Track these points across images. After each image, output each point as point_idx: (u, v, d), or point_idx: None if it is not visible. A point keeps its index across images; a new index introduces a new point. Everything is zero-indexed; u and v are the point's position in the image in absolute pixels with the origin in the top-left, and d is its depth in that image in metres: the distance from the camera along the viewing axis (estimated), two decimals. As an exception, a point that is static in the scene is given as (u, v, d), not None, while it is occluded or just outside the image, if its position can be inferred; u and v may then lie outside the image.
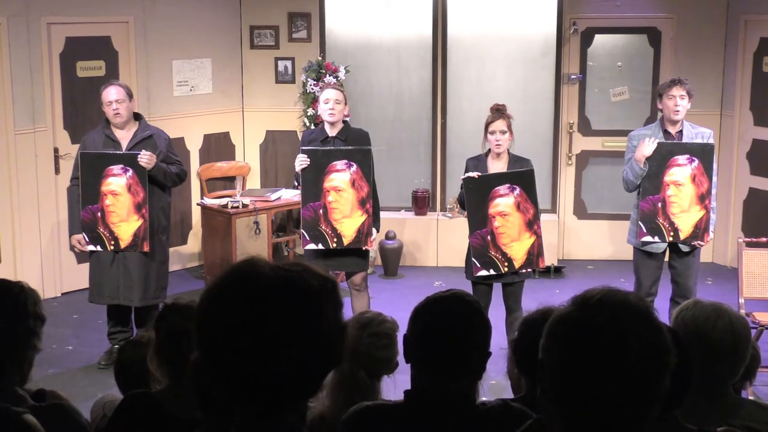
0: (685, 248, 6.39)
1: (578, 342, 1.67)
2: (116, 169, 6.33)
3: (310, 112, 8.84)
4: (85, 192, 6.38)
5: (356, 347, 3.10)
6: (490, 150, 6.23)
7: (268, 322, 1.62)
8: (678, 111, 6.31)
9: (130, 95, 6.48)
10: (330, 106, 6.33)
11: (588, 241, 9.32)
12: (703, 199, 6.27)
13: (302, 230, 6.37)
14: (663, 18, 8.98)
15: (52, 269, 8.14)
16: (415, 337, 2.64)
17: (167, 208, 6.67)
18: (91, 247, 6.46)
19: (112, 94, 6.40)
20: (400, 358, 3.36)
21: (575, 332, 1.68)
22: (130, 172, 6.32)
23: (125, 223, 6.38)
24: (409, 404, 2.58)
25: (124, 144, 6.45)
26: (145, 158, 6.29)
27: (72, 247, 6.77)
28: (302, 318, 1.64)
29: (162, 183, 6.49)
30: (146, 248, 6.41)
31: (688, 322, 2.83)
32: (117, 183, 6.35)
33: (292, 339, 1.63)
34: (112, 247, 6.42)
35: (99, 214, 6.38)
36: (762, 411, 2.90)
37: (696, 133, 6.42)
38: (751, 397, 5.17)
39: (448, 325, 2.62)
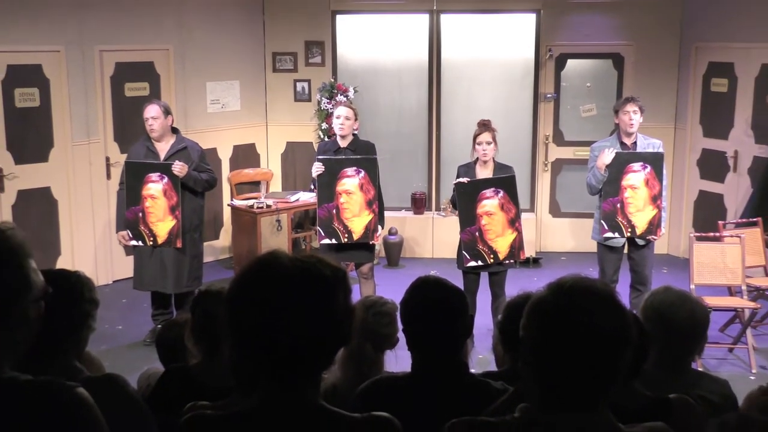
0: (641, 242, 6.39)
1: (553, 322, 1.67)
2: (154, 176, 6.33)
3: (324, 126, 8.85)
4: (129, 195, 6.39)
5: (363, 325, 3.11)
6: (477, 158, 6.23)
7: (288, 306, 1.62)
8: (632, 124, 6.30)
9: (166, 112, 6.45)
10: (341, 121, 6.35)
11: (561, 236, 9.31)
12: (655, 199, 6.27)
13: (318, 227, 6.37)
14: (625, 45, 8.97)
15: (105, 260, 8.16)
16: (406, 325, 2.64)
17: (199, 210, 6.63)
18: (133, 242, 6.47)
19: (148, 111, 6.40)
20: (400, 334, 3.36)
21: (551, 313, 1.68)
22: (166, 179, 6.32)
23: (161, 222, 6.38)
24: (413, 374, 2.57)
25: (162, 155, 6.44)
26: (177, 167, 6.28)
27: (119, 242, 6.78)
28: (317, 302, 1.64)
29: (194, 189, 6.47)
30: (179, 244, 6.41)
31: (657, 306, 2.82)
32: (155, 188, 6.35)
33: (308, 320, 1.63)
34: (150, 243, 6.42)
35: (140, 214, 6.38)
36: (716, 383, 2.90)
37: (648, 144, 6.41)
38: (699, 369, 5.18)
39: (428, 309, 2.60)
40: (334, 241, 6.29)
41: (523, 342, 1.72)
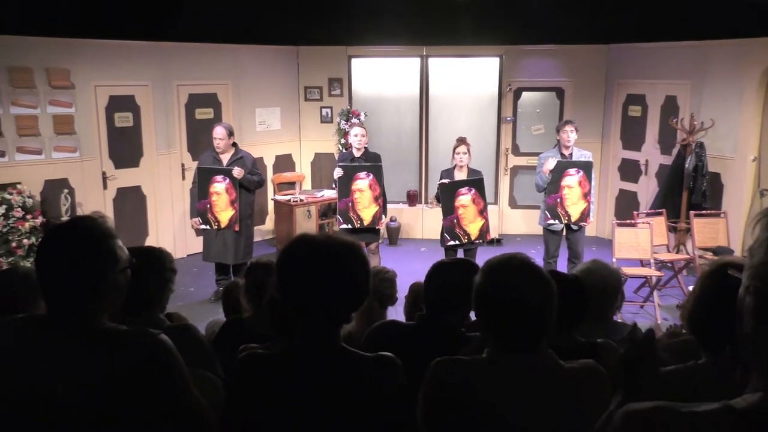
0: (575, 227, 6.39)
1: (494, 291, 1.68)
2: (219, 178, 6.34)
3: (342, 141, 8.84)
4: (200, 192, 6.39)
5: (371, 288, 3.09)
6: (456, 165, 6.22)
7: (322, 274, 1.62)
8: (569, 140, 6.30)
9: (230, 133, 6.46)
10: (357, 139, 6.35)
11: (517, 223, 9.30)
12: (586, 196, 6.26)
13: (338, 216, 6.37)
14: (565, 81, 8.94)
15: (181, 239, 8.16)
16: (431, 286, 2.55)
17: (251, 203, 6.63)
18: (203, 227, 6.47)
19: (217, 132, 6.41)
20: (399, 295, 3.36)
21: (490, 287, 1.69)
22: (228, 180, 6.32)
23: (224, 212, 6.39)
24: (417, 325, 2.54)
25: (225, 162, 6.44)
26: (236, 171, 6.28)
27: (191, 226, 6.79)
28: (344, 272, 1.64)
29: (248, 187, 6.48)
30: (237, 228, 6.41)
31: (582, 273, 2.82)
32: (219, 187, 6.35)
33: (337, 285, 1.63)
34: (216, 227, 6.43)
35: (208, 206, 6.38)
36: (625, 328, 2.90)
37: (581, 154, 6.40)
38: (619, 320, 5.18)
39: (451, 277, 2.52)
40: (349, 226, 6.29)
41: (476, 306, 1.73)
